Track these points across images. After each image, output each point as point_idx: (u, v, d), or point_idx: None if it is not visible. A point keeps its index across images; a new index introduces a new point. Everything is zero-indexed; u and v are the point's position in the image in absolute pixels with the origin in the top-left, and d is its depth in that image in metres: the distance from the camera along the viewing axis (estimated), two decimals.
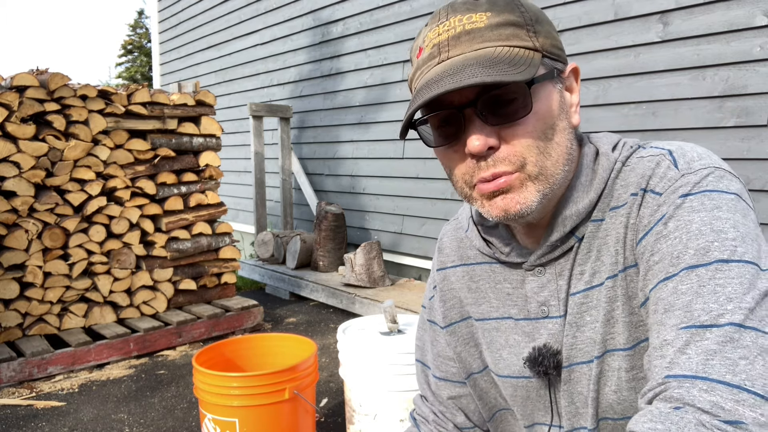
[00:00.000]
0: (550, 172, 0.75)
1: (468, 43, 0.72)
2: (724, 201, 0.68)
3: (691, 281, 0.64)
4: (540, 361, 0.82)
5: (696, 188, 0.69)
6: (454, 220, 1.00)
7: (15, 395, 2.71)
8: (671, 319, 0.63)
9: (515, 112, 0.72)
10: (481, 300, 0.92)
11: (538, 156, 0.73)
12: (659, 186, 0.72)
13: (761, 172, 2.51)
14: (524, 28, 0.74)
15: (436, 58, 0.74)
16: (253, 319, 3.63)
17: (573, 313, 0.80)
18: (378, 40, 4.43)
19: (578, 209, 0.79)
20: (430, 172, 4.02)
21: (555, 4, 3.22)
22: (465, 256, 0.94)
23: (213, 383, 1.78)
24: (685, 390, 0.57)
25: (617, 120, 2.96)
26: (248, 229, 5.94)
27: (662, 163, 0.74)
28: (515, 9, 0.74)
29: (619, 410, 0.78)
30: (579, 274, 0.80)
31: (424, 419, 1.02)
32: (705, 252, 0.65)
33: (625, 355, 0.76)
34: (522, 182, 0.74)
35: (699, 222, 0.67)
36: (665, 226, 0.69)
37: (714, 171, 0.71)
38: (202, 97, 3.57)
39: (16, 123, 2.96)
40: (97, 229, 3.21)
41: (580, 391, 0.81)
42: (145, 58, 21.20)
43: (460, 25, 0.73)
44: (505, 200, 0.75)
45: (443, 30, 0.74)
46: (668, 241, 0.68)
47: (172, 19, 7.59)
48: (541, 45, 0.75)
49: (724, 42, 2.57)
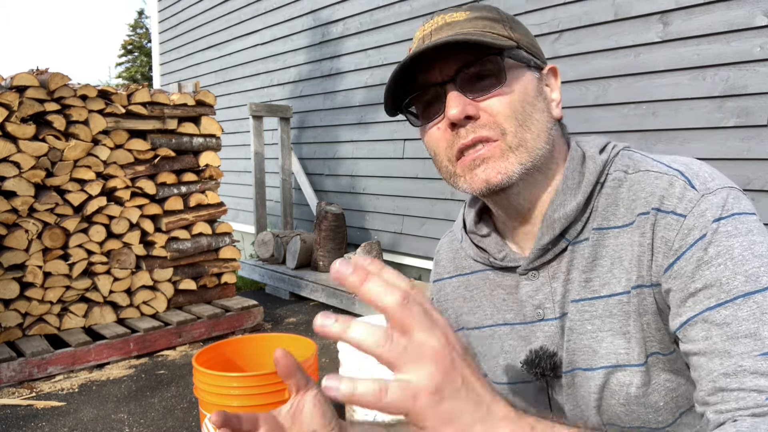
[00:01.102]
0: (531, 145, 0.77)
1: (447, 30, 0.78)
2: (753, 224, 0.70)
3: (751, 308, 0.65)
4: (537, 363, 0.83)
5: (725, 212, 0.70)
6: (449, 233, 1.02)
7: (15, 395, 2.71)
8: (738, 346, 0.65)
9: (492, 85, 0.76)
10: (476, 309, 0.92)
11: (517, 127, 0.76)
12: (680, 207, 0.72)
13: (761, 172, 2.50)
14: (500, 23, 0.80)
15: (420, 47, 0.79)
16: (253, 319, 3.63)
17: (574, 319, 0.80)
18: (378, 40, 4.43)
19: (566, 212, 0.79)
20: (430, 172, 4.02)
21: (555, 4, 3.22)
22: (460, 267, 0.95)
23: (213, 383, 1.78)
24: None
25: (617, 120, 2.96)
26: (248, 229, 5.94)
27: (676, 183, 0.74)
28: (493, 10, 0.82)
29: (627, 420, 0.79)
30: (584, 282, 0.80)
31: None
32: (756, 278, 0.66)
33: (637, 371, 0.77)
34: (503, 152, 0.76)
35: (740, 248, 0.68)
36: (705, 252, 0.70)
37: (730, 191, 0.72)
38: (202, 97, 3.57)
39: (16, 123, 2.96)
40: (97, 229, 3.21)
41: (583, 396, 0.81)
42: (145, 58, 21.19)
43: (441, 20, 0.80)
44: (486, 171, 0.76)
45: (428, 27, 0.81)
46: (712, 268, 0.69)
47: (172, 19, 7.59)
48: (516, 38, 0.79)
49: (724, 42, 2.57)
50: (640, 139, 2.84)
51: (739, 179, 2.55)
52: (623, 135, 2.90)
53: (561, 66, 3.39)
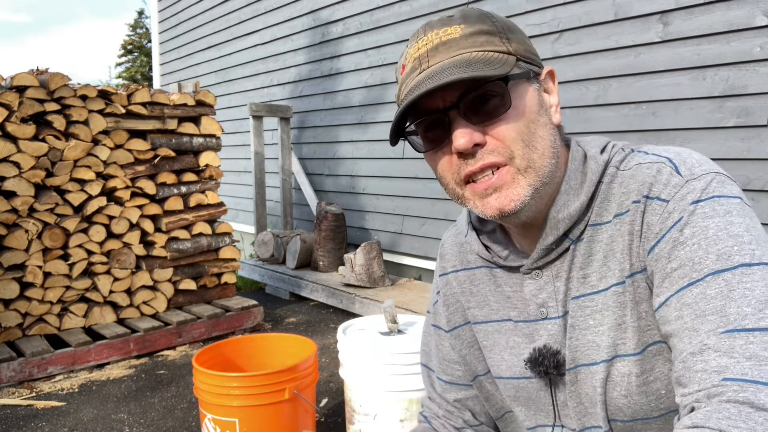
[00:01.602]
0: (538, 164, 0.77)
1: (445, 52, 0.76)
2: (733, 206, 0.70)
3: (719, 286, 0.65)
4: (540, 362, 0.84)
5: (704, 194, 0.71)
6: (454, 226, 1.02)
7: (15, 395, 2.71)
8: (705, 324, 0.64)
9: (496, 109, 0.75)
10: (482, 303, 0.93)
11: (524, 149, 0.76)
12: (664, 193, 0.74)
13: (761, 172, 2.50)
14: (497, 36, 0.78)
15: (417, 69, 0.78)
16: (253, 319, 3.63)
17: (575, 316, 0.81)
18: (378, 40, 4.43)
19: (570, 212, 0.80)
20: (430, 172, 3.99)
21: (555, 4, 3.22)
22: (465, 261, 0.96)
23: (213, 383, 1.78)
24: (751, 393, 0.58)
25: (617, 120, 2.96)
26: (248, 229, 5.94)
27: (663, 170, 0.75)
28: (486, 20, 0.79)
29: (629, 413, 0.79)
30: (582, 278, 0.81)
31: (434, 415, 1.05)
32: (728, 257, 0.66)
33: (635, 361, 0.77)
34: (513, 177, 0.76)
35: (715, 228, 0.68)
36: (681, 232, 0.70)
37: (716, 176, 0.73)
38: (202, 97, 3.57)
39: (16, 123, 2.96)
40: (97, 229, 3.21)
41: (587, 392, 0.82)
42: (145, 58, 21.19)
43: (436, 38, 0.77)
44: (499, 199, 0.77)
45: (422, 45, 0.79)
46: (686, 248, 0.69)
47: (172, 19, 7.59)
48: (514, 49, 0.78)
49: (724, 42, 2.57)
50: (640, 139, 2.84)
51: (739, 179, 2.55)
52: (623, 135, 2.91)
53: (561, 66, 3.41)
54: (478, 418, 1.01)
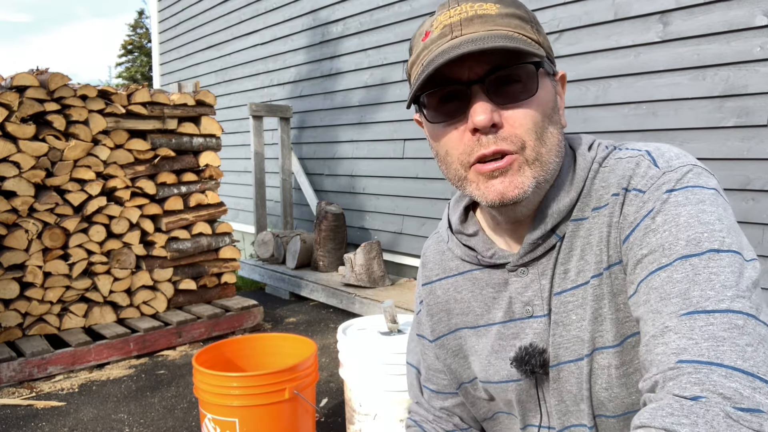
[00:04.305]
0: (545, 159, 0.77)
1: (481, 24, 0.74)
2: (707, 195, 0.70)
3: (686, 270, 0.65)
4: (527, 360, 0.83)
5: (679, 184, 0.72)
6: (435, 234, 1.01)
7: (15, 395, 2.71)
8: (669, 306, 0.64)
9: (520, 93, 0.74)
10: (466, 310, 0.93)
11: (535, 141, 0.75)
12: (641, 184, 0.74)
13: (761, 172, 2.50)
14: (529, 24, 0.77)
15: (448, 36, 0.75)
16: (253, 319, 3.63)
17: (558, 312, 0.81)
18: (378, 40, 4.43)
19: (559, 208, 0.80)
20: (430, 172, 4.02)
21: (555, 4, 3.22)
22: (448, 268, 0.95)
23: (213, 383, 1.78)
24: (704, 375, 0.57)
25: (617, 120, 2.96)
26: (248, 229, 5.94)
27: (642, 162, 0.76)
28: (520, 6, 0.79)
29: (611, 407, 0.79)
30: (562, 273, 0.81)
31: (424, 419, 1.04)
32: (697, 243, 0.66)
33: (614, 353, 0.77)
34: (520, 166, 0.76)
35: (686, 215, 0.69)
36: (653, 220, 0.71)
37: (693, 168, 0.73)
38: (202, 97, 3.57)
39: (16, 123, 2.96)
40: (97, 229, 3.21)
41: (569, 390, 0.81)
42: (145, 58, 21.19)
43: (471, 10, 0.75)
44: (504, 183, 0.75)
45: (454, 14, 0.76)
46: (657, 234, 0.70)
47: (172, 19, 7.59)
48: (542, 42, 0.78)
49: (724, 42, 2.57)
50: (640, 139, 2.84)
51: (739, 179, 2.55)
52: (623, 135, 2.91)
53: (561, 66, 3.40)
54: (465, 422, 1.01)
